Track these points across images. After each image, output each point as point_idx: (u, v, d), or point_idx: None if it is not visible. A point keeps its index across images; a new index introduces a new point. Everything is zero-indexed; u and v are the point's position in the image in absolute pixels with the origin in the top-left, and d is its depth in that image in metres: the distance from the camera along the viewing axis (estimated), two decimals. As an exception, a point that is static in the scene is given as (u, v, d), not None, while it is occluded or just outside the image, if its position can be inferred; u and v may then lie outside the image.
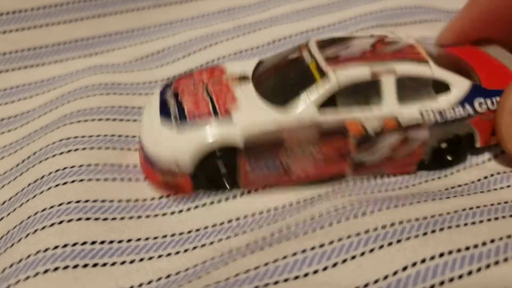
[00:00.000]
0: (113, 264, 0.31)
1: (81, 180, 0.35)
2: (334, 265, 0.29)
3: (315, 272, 0.29)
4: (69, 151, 0.37)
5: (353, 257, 0.29)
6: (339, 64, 0.34)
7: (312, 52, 0.36)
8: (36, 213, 0.33)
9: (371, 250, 0.30)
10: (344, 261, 0.29)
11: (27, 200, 0.34)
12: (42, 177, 0.35)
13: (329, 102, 0.34)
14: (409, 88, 0.35)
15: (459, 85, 0.36)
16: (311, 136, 0.34)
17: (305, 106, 0.34)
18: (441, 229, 0.30)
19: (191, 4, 0.51)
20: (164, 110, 0.35)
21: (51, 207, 0.33)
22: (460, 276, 0.28)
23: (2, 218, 0.35)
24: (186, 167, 0.33)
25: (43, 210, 0.33)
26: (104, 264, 0.31)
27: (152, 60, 0.47)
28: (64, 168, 0.35)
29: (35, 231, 0.32)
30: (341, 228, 0.31)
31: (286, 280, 0.29)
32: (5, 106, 0.43)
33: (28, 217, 0.33)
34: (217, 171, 0.35)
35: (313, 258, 0.29)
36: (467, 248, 0.29)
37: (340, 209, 0.33)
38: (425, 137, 0.35)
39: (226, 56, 0.46)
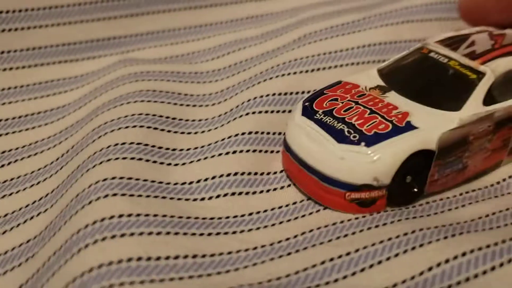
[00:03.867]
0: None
1: (123, 195, 0.34)
2: (362, 270, 0.31)
3: (345, 277, 0.31)
4: (108, 159, 0.36)
5: (380, 262, 0.31)
6: (482, 59, 0.37)
7: (441, 52, 0.38)
8: (86, 226, 0.31)
9: (396, 255, 0.31)
10: (371, 266, 0.31)
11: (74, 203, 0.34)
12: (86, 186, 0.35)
13: (487, 95, 0.36)
14: None
15: None
16: (488, 129, 0.35)
17: (474, 103, 0.35)
18: (461, 233, 0.32)
19: (221, 9, 0.52)
20: (332, 130, 0.34)
21: (94, 223, 0.31)
22: (484, 272, 0.30)
23: (46, 210, 0.36)
24: (386, 179, 0.33)
25: (94, 223, 0.31)
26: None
27: (182, 60, 0.49)
28: (105, 180, 0.34)
29: (79, 250, 0.30)
30: (364, 237, 0.33)
31: (317, 285, 0.30)
32: (41, 100, 0.45)
33: (78, 231, 0.31)
34: (406, 182, 0.34)
35: (341, 266, 0.31)
36: (488, 246, 0.31)
37: (361, 219, 0.34)
38: None
39: (254, 57, 0.47)
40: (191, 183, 0.37)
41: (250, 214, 0.35)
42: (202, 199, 0.36)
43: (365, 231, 0.33)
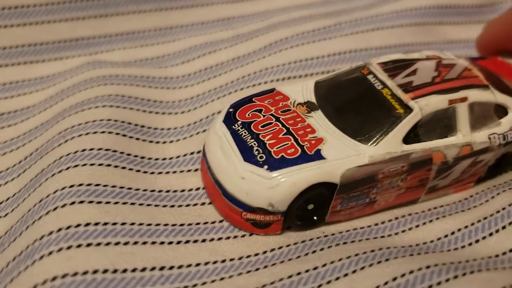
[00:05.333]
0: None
1: (90, 202, 0.33)
2: (328, 282, 0.31)
3: None
4: (75, 165, 0.36)
5: (346, 275, 0.32)
6: (416, 93, 0.35)
7: (379, 77, 0.37)
8: (51, 233, 0.31)
9: (362, 268, 0.32)
10: (337, 278, 0.32)
11: (34, 205, 0.34)
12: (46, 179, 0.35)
13: (412, 132, 0.35)
14: (477, 114, 0.36)
15: None
16: (401, 169, 0.34)
17: (392, 140, 0.34)
18: (419, 253, 0.34)
19: (191, 10, 0.52)
20: (243, 146, 0.34)
21: (59, 230, 0.31)
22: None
23: (6, 215, 0.36)
24: (281, 206, 0.33)
25: (59, 230, 0.31)
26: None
27: (152, 63, 0.48)
28: (72, 186, 0.34)
29: (42, 257, 0.30)
30: (332, 252, 0.33)
31: None
32: (4, 101, 0.44)
33: (42, 237, 0.31)
34: (307, 208, 0.34)
35: (307, 279, 0.32)
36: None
37: (330, 237, 0.35)
38: (490, 159, 0.38)
39: (224, 62, 0.47)
40: (160, 191, 0.37)
41: (221, 221, 0.35)
42: (172, 206, 0.36)
43: (333, 247, 0.34)
